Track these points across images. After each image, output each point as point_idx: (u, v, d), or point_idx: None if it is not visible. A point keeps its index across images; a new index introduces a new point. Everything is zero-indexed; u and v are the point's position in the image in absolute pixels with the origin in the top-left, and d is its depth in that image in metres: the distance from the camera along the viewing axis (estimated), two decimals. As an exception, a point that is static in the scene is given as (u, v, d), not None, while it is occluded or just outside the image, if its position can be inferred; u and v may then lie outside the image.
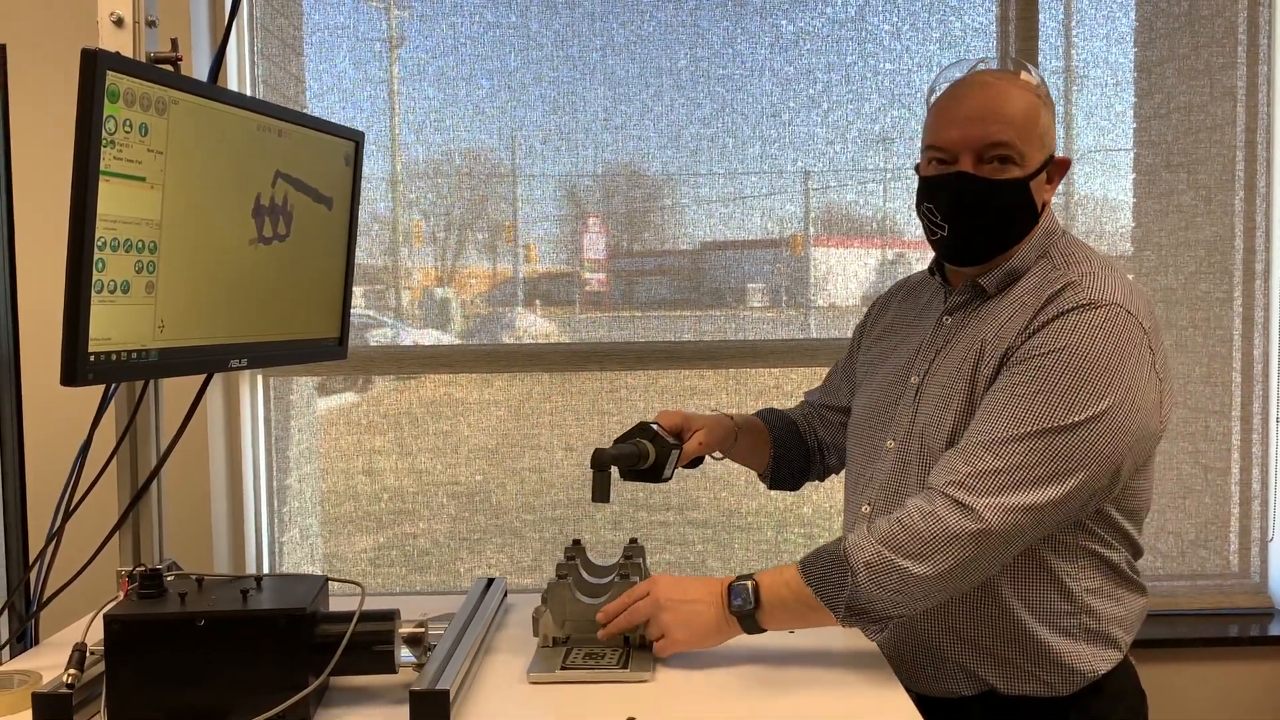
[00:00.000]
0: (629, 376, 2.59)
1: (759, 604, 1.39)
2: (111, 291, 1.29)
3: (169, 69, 1.46)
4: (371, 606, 1.29)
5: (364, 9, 2.54)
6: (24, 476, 1.91)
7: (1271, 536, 2.63)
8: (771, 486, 1.85)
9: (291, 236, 1.64)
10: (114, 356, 1.31)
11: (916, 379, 1.55)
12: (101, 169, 1.24)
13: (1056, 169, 1.51)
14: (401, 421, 2.62)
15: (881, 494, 1.54)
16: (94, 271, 1.25)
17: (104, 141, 1.24)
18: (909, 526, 1.34)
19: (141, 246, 1.33)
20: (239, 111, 1.50)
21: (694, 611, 1.41)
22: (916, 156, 1.57)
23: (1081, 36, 2.59)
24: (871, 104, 2.56)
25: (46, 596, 1.59)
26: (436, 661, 1.29)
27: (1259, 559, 2.65)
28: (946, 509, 1.34)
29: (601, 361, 2.57)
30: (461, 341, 2.67)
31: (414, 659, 1.31)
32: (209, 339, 1.50)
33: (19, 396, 1.90)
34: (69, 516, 1.58)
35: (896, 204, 2.62)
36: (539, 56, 2.53)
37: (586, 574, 1.55)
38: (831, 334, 2.62)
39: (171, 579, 1.33)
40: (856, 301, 2.64)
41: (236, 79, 2.45)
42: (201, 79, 1.58)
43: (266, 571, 2.56)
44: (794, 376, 2.60)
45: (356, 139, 1.80)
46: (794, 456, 1.82)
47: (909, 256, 2.65)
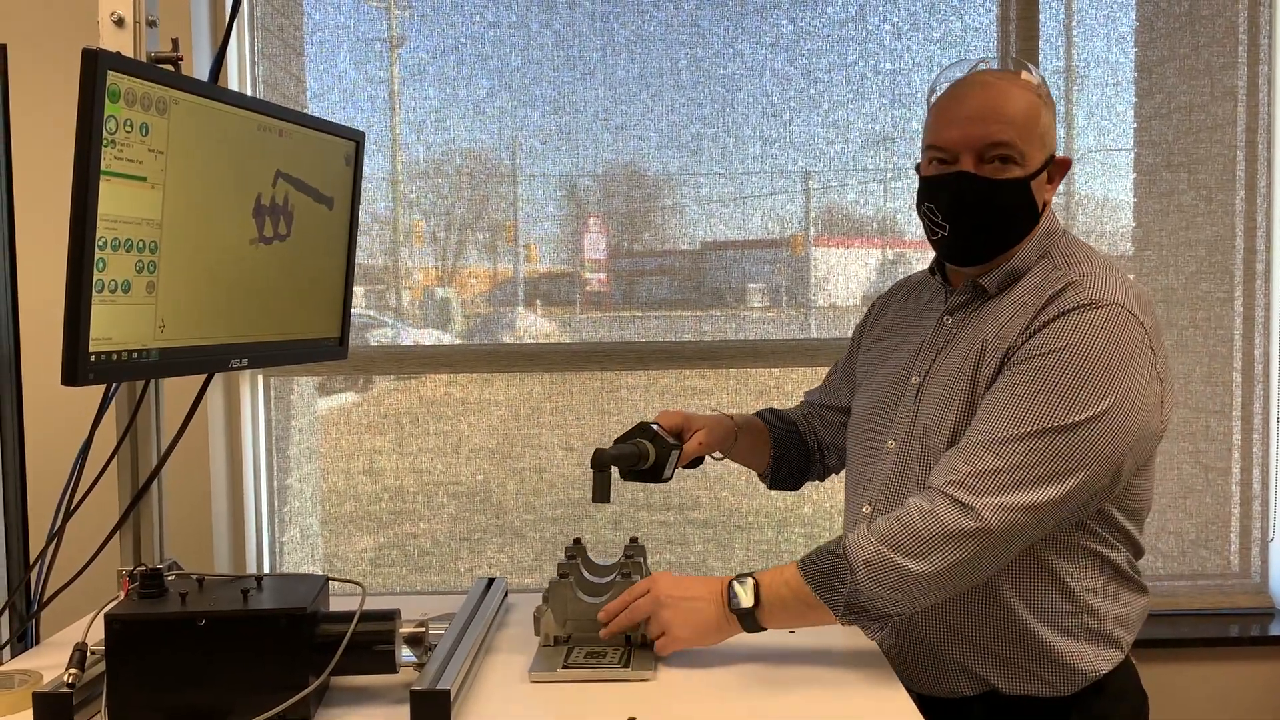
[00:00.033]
0: (629, 376, 2.59)
1: (759, 602, 1.39)
2: (112, 291, 1.29)
3: (169, 69, 1.46)
4: (372, 606, 1.29)
5: (365, 9, 2.53)
6: (24, 476, 1.91)
7: (1272, 536, 2.63)
8: (771, 486, 1.85)
9: (292, 236, 1.64)
10: (114, 356, 1.31)
11: (917, 379, 1.55)
12: (102, 169, 1.24)
13: (1057, 169, 1.51)
14: (402, 421, 2.62)
15: (883, 494, 1.54)
16: (95, 271, 1.25)
17: (105, 141, 1.24)
18: (908, 525, 1.35)
19: (142, 246, 1.33)
20: (240, 111, 1.50)
21: (694, 609, 1.41)
22: (917, 156, 1.57)
23: (1082, 36, 2.59)
24: (872, 104, 2.56)
25: (47, 596, 1.59)
26: (437, 661, 1.29)
27: (1259, 559, 2.65)
28: (946, 508, 1.34)
29: (602, 361, 2.57)
30: (462, 341, 2.67)
31: (415, 659, 1.31)
32: (209, 339, 1.50)
33: (19, 396, 1.90)
34: (69, 516, 1.58)
35: (897, 204, 2.62)
36: (539, 56, 2.53)
37: (588, 573, 1.55)
38: (832, 334, 2.62)
39: (172, 579, 1.33)
40: (857, 301, 2.63)
41: (237, 79, 2.45)
42: (202, 79, 1.58)
43: (267, 571, 2.56)
44: (794, 376, 2.60)
45: (357, 139, 1.80)
46: (794, 456, 1.82)
47: (909, 256, 2.65)
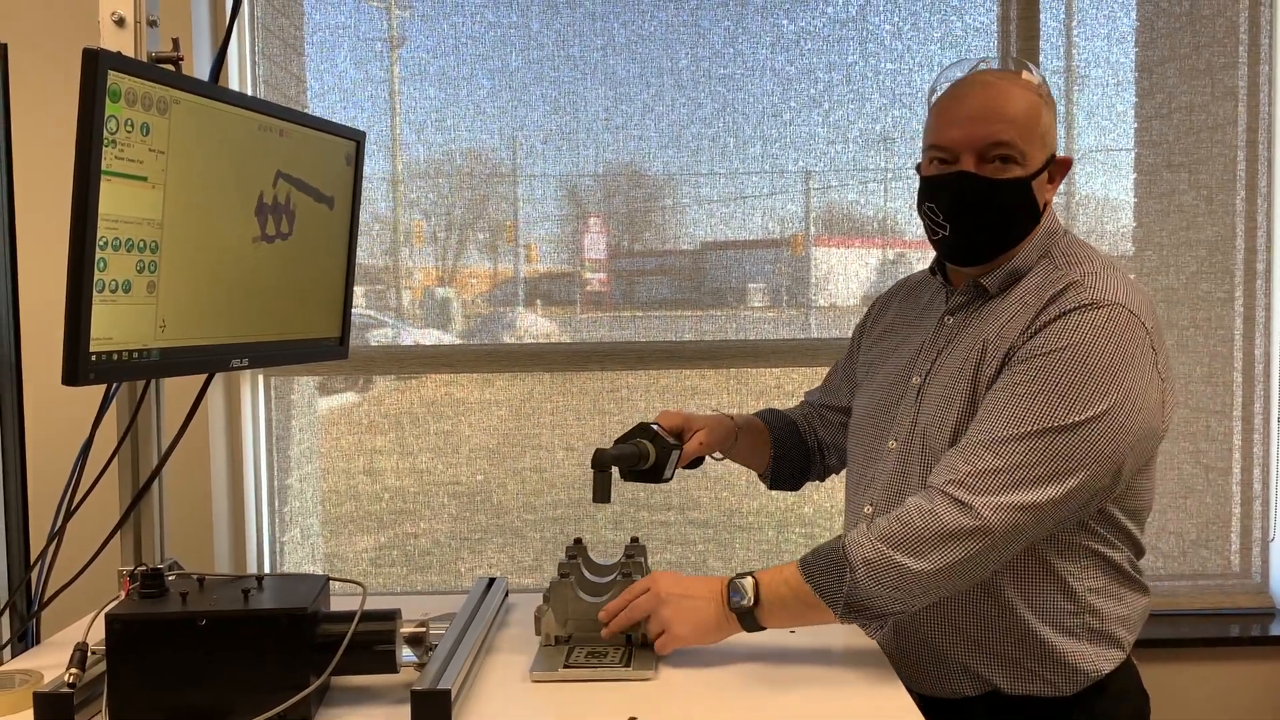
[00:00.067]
0: (630, 376, 2.59)
1: (758, 601, 1.39)
2: (113, 291, 1.29)
3: (170, 69, 1.46)
4: (373, 606, 1.29)
5: (365, 9, 2.53)
6: (25, 476, 1.91)
7: (1273, 536, 2.63)
8: (772, 487, 1.85)
9: (293, 236, 1.64)
10: (115, 356, 1.31)
11: (918, 379, 1.55)
12: (103, 169, 1.24)
13: (1058, 169, 1.51)
14: (402, 421, 2.62)
15: (883, 494, 1.54)
16: (95, 271, 1.25)
17: (105, 141, 1.24)
18: (908, 524, 1.35)
19: (143, 246, 1.33)
20: (240, 111, 1.50)
21: (694, 607, 1.41)
22: (917, 156, 1.57)
23: (1082, 36, 2.59)
24: (872, 104, 2.56)
25: (48, 596, 1.59)
26: (438, 661, 1.29)
27: (1260, 559, 2.65)
28: (945, 507, 1.34)
29: (602, 361, 2.57)
30: (462, 341, 2.67)
31: (415, 659, 1.31)
32: (210, 338, 1.50)
33: (20, 396, 1.90)
34: (70, 516, 1.58)
35: (897, 204, 2.62)
36: (540, 56, 2.53)
37: (588, 573, 1.55)
38: (832, 334, 2.62)
39: (173, 578, 1.33)
40: (857, 301, 2.63)
41: (238, 79, 2.45)
42: (203, 79, 1.58)
43: (267, 571, 2.56)
44: (794, 376, 2.60)
45: (357, 139, 1.80)
46: (794, 457, 1.82)
47: (910, 256, 2.65)
